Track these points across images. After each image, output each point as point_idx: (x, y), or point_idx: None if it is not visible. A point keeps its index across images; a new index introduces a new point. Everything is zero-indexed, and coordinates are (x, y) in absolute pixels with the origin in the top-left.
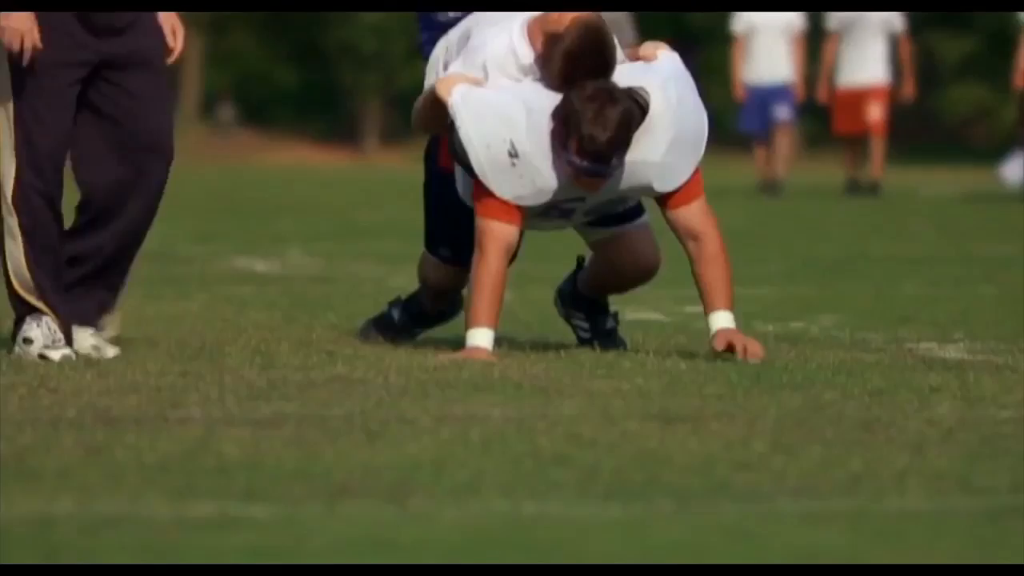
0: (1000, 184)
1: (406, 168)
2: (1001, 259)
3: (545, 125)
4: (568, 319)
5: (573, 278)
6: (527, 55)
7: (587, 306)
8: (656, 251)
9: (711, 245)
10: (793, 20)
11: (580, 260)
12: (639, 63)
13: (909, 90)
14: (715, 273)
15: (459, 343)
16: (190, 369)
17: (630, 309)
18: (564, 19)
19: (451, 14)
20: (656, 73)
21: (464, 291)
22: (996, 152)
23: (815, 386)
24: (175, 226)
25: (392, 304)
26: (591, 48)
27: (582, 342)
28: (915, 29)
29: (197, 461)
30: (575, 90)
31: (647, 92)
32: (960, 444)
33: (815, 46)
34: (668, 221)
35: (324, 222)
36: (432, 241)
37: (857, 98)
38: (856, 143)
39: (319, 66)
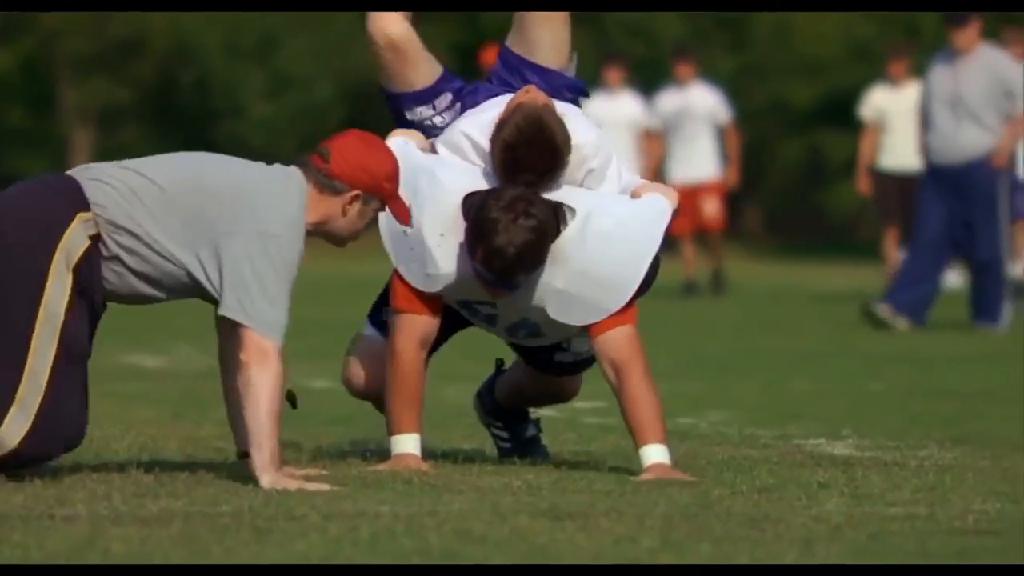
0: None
1: None
2: (888, 355)
3: (453, 209)
4: (487, 427)
5: (492, 383)
6: (486, 145)
7: (507, 415)
8: (579, 382)
9: (632, 379)
10: (636, 116)
11: (499, 363)
12: (605, 191)
13: (733, 178)
14: (640, 409)
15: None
16: (77, 466)
17: None
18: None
19: (429, 118)
20: (597, 203)
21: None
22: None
23: (704, 482)
24: None
25: None
26: (529, 140)
27: (502, 453)
28: (803, 127)
29: (84, 559)
30: (492, 196)
31: (572, 214)
32: (848, 541)
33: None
34: (592, 347)
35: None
36: (374, 308)
37: (691, 195)
38: (696, 238)
39: None
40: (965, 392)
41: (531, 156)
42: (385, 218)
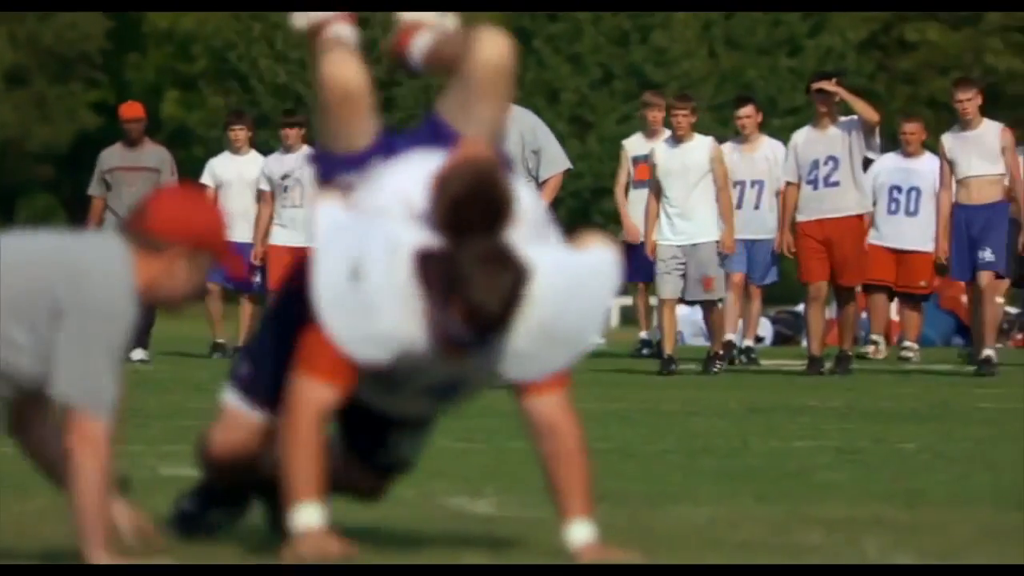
0: None
1: None
2: None
3: (408, 263)
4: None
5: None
6: (421, 202)
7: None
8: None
9: (568, 442)
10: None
11: None
12: (550, 245)
13: None
14: (571, 474)
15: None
16: None
17: None
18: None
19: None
20: (560, 257)
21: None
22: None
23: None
24: None
25: (177, 500)
26: (480, 195)
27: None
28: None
29: None
30: (464, 247)
31: (533, 268)
32: None
33: None
34: (521, 412)
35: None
36: (234, 363)
37: None
38: None
39: None
40: (601, 449)
41: (479, 212)
42: (325, 266)
